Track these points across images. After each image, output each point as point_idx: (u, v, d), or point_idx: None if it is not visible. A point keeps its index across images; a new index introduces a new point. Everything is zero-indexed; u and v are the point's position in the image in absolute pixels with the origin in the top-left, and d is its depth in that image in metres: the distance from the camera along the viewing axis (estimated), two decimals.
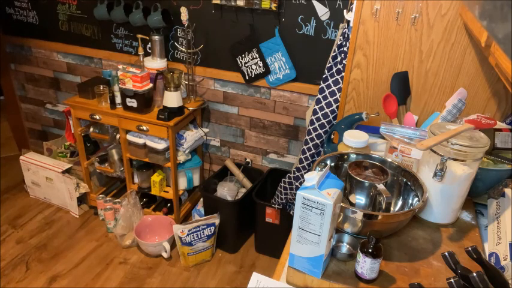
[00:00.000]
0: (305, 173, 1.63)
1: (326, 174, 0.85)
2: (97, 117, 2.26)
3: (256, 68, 2.19)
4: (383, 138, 1.38)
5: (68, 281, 2.10)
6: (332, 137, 1.52)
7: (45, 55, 2.73)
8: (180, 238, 2.11)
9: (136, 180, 2.45)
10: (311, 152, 1.65)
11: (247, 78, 2.25)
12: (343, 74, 1.51)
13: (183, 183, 2.40)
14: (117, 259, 2.26)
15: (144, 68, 2.22)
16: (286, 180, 1.84)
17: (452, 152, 0.95)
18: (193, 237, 2.14)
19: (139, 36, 2.24)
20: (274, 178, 2.33)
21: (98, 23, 2.46)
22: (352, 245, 0.96)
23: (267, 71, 2.18)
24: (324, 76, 1.56)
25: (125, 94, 2.13)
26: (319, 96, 1.57)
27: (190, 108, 2.27)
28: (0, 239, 2.34)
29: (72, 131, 2.48)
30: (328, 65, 1.56)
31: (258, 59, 2.16)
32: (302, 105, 2.25)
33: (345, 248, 0.96)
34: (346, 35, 1.48)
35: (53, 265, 2.18)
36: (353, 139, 1.22)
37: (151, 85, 2.15)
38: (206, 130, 2.50)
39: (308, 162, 1.69)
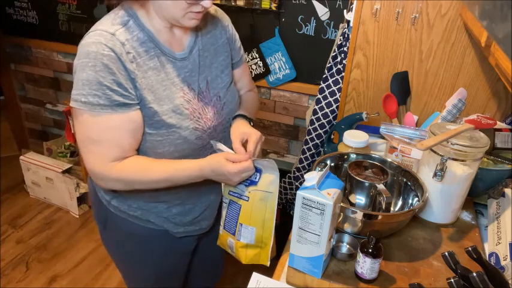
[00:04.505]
0: (305, 173, 1.63)
1: (326, 174, 0.85)
2: None
3: (256, 68, 2.19)
4: (383, 138, 1.38)
5: (68, 281, 2.10)
6: (332, 137, 1.52)
7: (45, 55, 2.72)
8: None
9: None
10: (311, 152, 1.65)
11: None
12: (343, 74, 1.51)
13: None
14: None
15: None
16: (286, 180, 1.84)
17: (452, 152, 0.95)
18: None
19: None
20: None
21: None
22: (352, 245, 0.96)
23: (267, 71, 2.17)
24: (324, 76, 1.56)
25: None
26: (319, 96, 1.57)
27: None
28: (0, 239, 2.34)
29: (72, 131, 2.48)
30: (328, 65, 1.56)
31: (258, 59, 2.16)
32: (302, 105, 2.25)
33: (345, 248, 0.96)
34: (346, 35, 1.48)
35: (53, 265, 2.18)
36: (353, 139, 1.22)
37: None
38: None
39: (308, 162, 1.69)
